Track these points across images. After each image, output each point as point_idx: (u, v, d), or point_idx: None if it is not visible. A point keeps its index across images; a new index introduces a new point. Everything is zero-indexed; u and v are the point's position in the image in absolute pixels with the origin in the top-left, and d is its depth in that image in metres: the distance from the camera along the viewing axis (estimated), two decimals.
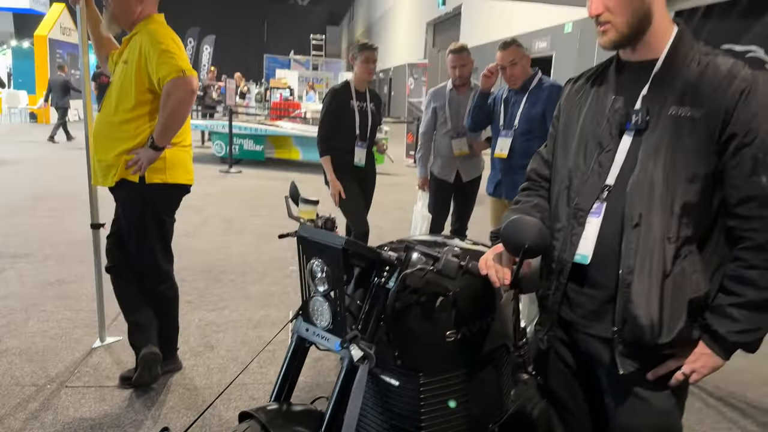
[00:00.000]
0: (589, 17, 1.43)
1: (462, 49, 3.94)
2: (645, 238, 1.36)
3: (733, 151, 1.33)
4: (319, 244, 1.53)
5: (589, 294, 1.47)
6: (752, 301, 1.33)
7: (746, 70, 1.33)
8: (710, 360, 1.39)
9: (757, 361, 3.68)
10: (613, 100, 1.45)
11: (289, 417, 1.54)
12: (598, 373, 1.52)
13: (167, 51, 2.62)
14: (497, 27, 15.59)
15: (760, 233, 1.32)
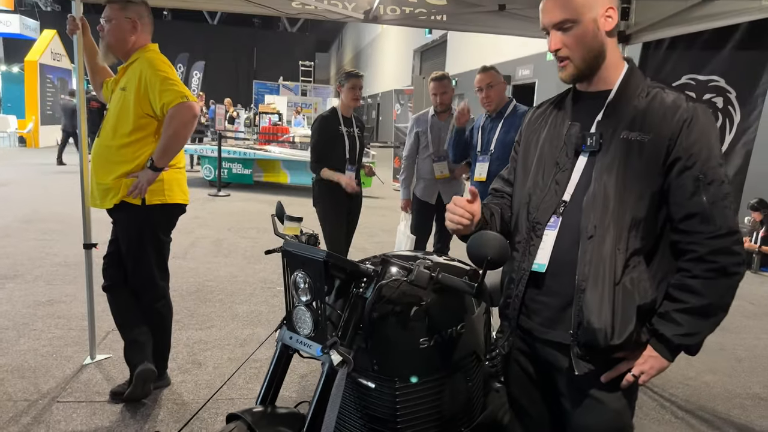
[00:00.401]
0: (551, 52, 1.59)
1: (443, 77, 4.13)
2: (598, 249, 1.49)
3: (677, 173, 1.47)
4: (302, 257, 1.66)
5: (545, 302, 1.60)
6: (694, 307, 1.47)
7: (688, 103, 1.49)
8: (657, 362, 1.52)
9: (726, 377, 3.86)
10: (570, 125, 1.61)
11: (273, 418, 1.66)
12: (555, 378, 1.64)
13: (169, 79, 2.79)
14: (483, 54, 15.95)
15: (701, 246, 1.46)
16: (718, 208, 1.45)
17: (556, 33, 1.54)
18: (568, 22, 1.51)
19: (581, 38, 1.52)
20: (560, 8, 1.51)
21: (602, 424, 1.57)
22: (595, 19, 1.51)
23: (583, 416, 1.59)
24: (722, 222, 1.45)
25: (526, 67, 13.36)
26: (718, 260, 1.45)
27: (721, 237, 1.45)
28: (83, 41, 3.23)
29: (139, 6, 2.97)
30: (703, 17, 3.28)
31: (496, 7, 3.61)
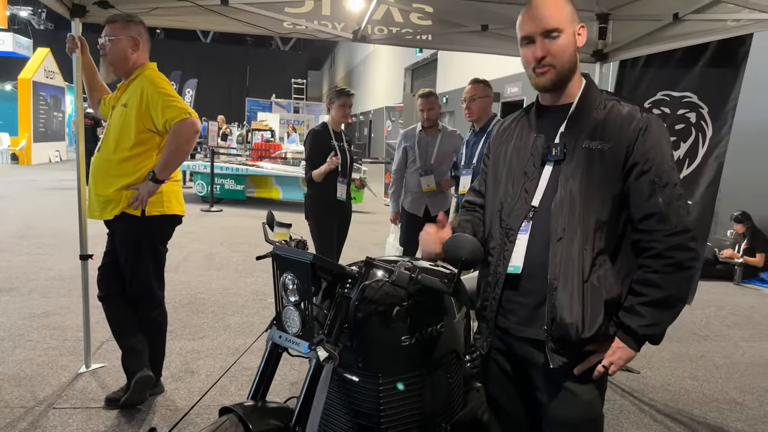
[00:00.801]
0: (535, 58, 1.66)
1: (429, 94, 4.28)
2: (567, 250, 1.61)
3: (635, 177, 1.60)
4: (291, 260, 1.78)
5: (521, 301, 1.71)
6: (656, 300, 1.59)
7: (641, 114, 1.62)
8: (625, 352, 1.64)
9: (705, 382, 3.98)
10: (535, 137, 1.73)
11: (264, 412, 1.76)
12: (531, 373, 1.75)
13: (171, 96, 2.94)
14: (472, 72, 16.16)
15: (659, 243, 1.59)
16: (673, 208, 1.58)
17: (542, 41, 1.64)
18: (556, 32, 1.63)
19: (565, 48, 1.64)
20: (550, 18, 1.63)
21: (576, 414, 1.68)
22: (574, 32, 1.66)
23: (558, 408, 1.69)
24: (677, 221, 1.58)
25: (514, 84, 13.60)
26: (675, 256, 1.58)
27: (677, 234, 1.58)
28: (82, 59, 3.35)
29: (139, 25, 3.10)
30: (675, 36, 3.46)
31: (479, 28, 3.79)
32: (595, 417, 1.72)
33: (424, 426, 1.95)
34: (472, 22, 3.77)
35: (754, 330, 5.27)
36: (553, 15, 1.63)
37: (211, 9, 3.50)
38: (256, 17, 3.59)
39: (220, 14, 3.53)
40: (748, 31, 3.08)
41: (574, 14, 1.67)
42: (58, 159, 19.66)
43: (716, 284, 7.00)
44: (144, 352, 3.14)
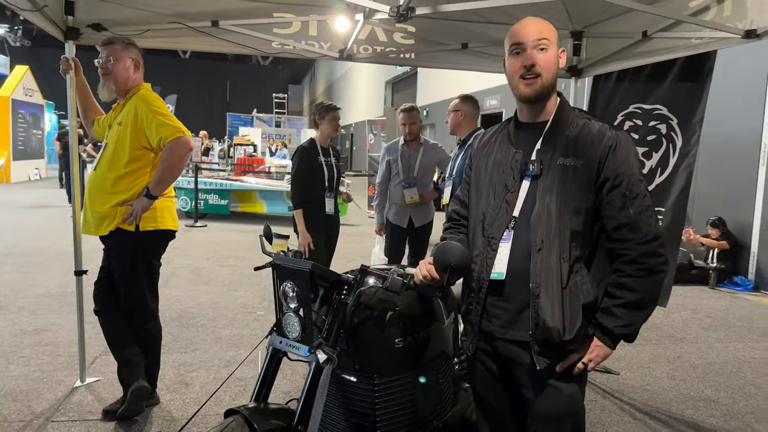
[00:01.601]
0: (524, 66, 1.78)
1: (411, 109, 4.43)
2: (546, 259, 1.75)
3: (607, 191, 1.74)
4: (290, 269, 1.90)
5: (504, 306, 1.84)
6: (630, 302, 1.73)
7: (611, 131, 1.76)
8: (602, 350, 1.77)
9: (681, 382, 4.15)
10: (514, 152, 1.87)
11: (267, 413, 1.87)
12: (516, 371, 1.87)
13: (165, 115, 3.06)
14: (452, 85, 16.47)
15: (632, 250, 1.73)
16: (642, 218, 1.72)
17: (534, 50, 1.77)
18: (546, 42, 1.77)
19: (552, 60, 1.79)
20: (544, 30, 1.78)
21: (560, 408, 1.82)
22: (557, 53, 1.81)
23: (543, 403, 1.82)
24: (647, 229, 1.72)
25: (493, 97, 13.88)
26: (647, 261, 1.72)
27: (648, 242, 1.72)
28: (76, 80, 3.44)
29: (137, 48, 3.23)
30: (645, 53, 3.66)
31: (460, 46, 3.96)
32: (578, 410, 1.86)
33: (416, 424, 2.08)
34: (452, 41, 3.94)
35: (728, 331, 5.47)
36: (544, 30, 1.78)
37: (202, 31, 3.62)
38: (246, 38, 3.72)
39: (211, 35, 3.66)
40: (711, 48, 3.27)
41: (558, 39, 1.82)
42: (38, 177, 19.52)
43: (692, 288, 7.22)
44: (140, 364, 3.22)
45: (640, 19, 3.54)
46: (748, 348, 4.98)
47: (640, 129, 3.95)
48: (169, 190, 3.26)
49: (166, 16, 3.58)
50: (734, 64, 7.44)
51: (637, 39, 3.64)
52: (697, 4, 3.19)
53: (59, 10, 3.36)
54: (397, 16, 2.52)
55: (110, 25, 3.53)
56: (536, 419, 1.85)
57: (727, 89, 7.48)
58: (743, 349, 4.94)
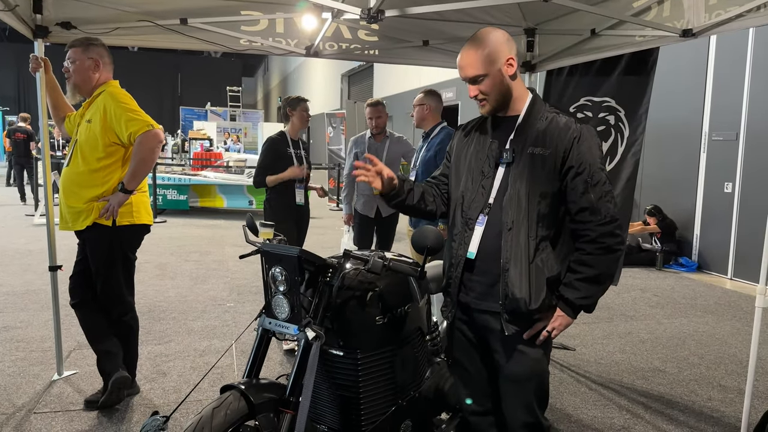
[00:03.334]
0: (470, 98, 2.04)
1: (378, 103, 4.60)
2: (516, 238, 1.96)
3: (571, 177, 1.94)
4: (279, 255, 2.05)
5: (478, 280, 2.05)
6: (589, 277, 1.94)
7: (576, 125, 1.96)
8: (564, 320, 1.98)
9: (632, 355, 4.46)
10: (491, 143, 2.08)
11: (260, 387, 2.02)
12: (489, 338, 2.09)
13: (133, 110, 3.13)
14: (408, 78, 16.69)
15: (592, 231, 1.93)
16: (602, 202, 1.92)
17: (471, 85, 1.99)
18: (480, 77, 1.96)
19: (491, 86, 1.98)
20: (471, 67, 1.96)
21: (527, 370, 2.03)
22: (500, 69, 1.96)
23: (512, 366, 2.04)
24: (606, 212, 1.92)
25: (449, 89, 14.14)
26: (605, 241, 1.92)
27: (606, 224, 1.92)
28: (46, 79, 3.48)
29: (99, 47, 3.28)
30: (593, 49, 3.92)
31: (421, 43, 4.14)
32: (542, 372, 2.08)
33: (396, 394, 2.27)
34: (414, 38, 4.13)
35: (674, 308, 5.86)
36: (473, 65, 1.96)
37: (170, 28, 3.70)
38: (214, 35, 3.82)
39: (180, 33, 3.74)
40: (653, 45, 3.54)
41: (500, 52, 1.95)
42: None
43: (640, 270, 7.65)
44: (118, 354, 3.31)
45: (589, 18, 3.80)
46: (691, 323, 5.37)
47: (590, 120, 4.22)
48: (142, 185, 3.34)
49: (134, 15, 3.65)
50: (677, 59, 7.87)
51: (587, 36, 3.90)
52: (639, 5, 3.45)
53: (28, 9, 3.40)
54: (368, 18, 2.68)
55: (79, 23, 3.58)
56: (506, 380, 2.07)
57: (670, 82, 7.92)
58: (687, 324, 5.32)
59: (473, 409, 2.21)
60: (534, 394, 2.05)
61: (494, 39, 1.96)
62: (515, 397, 2.06)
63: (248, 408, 1.92)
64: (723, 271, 7.42)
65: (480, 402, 2.20)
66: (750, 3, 2.79)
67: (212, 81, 38.09)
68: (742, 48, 7.09)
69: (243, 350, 4.24)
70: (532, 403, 2.05)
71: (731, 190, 7.31)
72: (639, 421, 3.37)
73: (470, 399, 2.22)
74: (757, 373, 3.03)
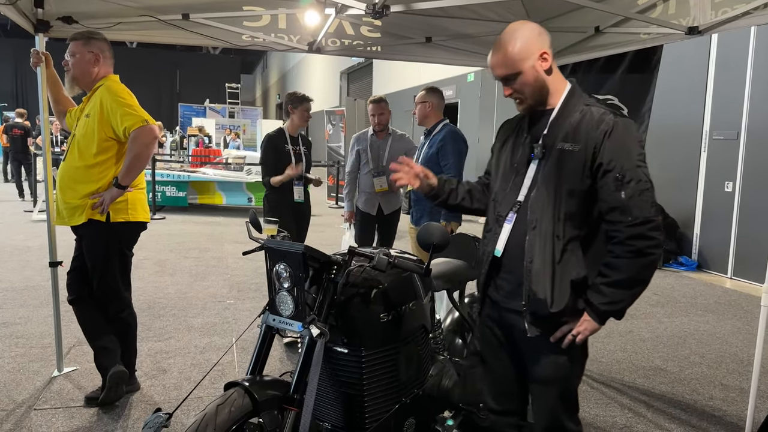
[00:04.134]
0: (504, 97, 1.97)
1: (380, 100, 4.58)
2: (540, 237, 1.87)
3: (601, 175, 1.81)
4: (283, 251, 2.04)
5: (506, 278, 2.00)
6: (615, 281, 1.81)
7: (610, 117, 1.83)
8: (590, 325, 1.87)
9: (633, 354, 4.45)
10: (525, 138, 2.00)
11: (264, 384, 2.00)
12: (517, 338, 2.03)
13: (130, 105, 3.11)
14: (407, 76, 16.66)
15: (621, 233, 1.79)
16: (634, 202, 1.77)
17: (504, 83, 1.91)
18: (512, 76, 1.89)
19: (525, 84, 1.90)
20: (502, 67, 1.89)
21: (549, 374, 1.96)
22: (533, 65, 1.87)
23: (535, 368, 1.99)
24: (638, 213, 1.76)
25: (448, 87, 14.12)
26: (635, 243, 1.78)
27: (637, 225, 1.77)
28: (47, 73, 3.46)
29: (100, 41, 3.26)
30: (597, 47, 3.90)
31: (424, 39, 4.12)
32: (566, 377, 1.97)
33: (399, 391, 2.26)
34: (417, 35, 4.11)
35: (674, 307, 5.86)
36: (503, 64, 1.89)
37: (172, 24, 3.68)
38: (216, 31, 3.80)
39: (182, 28, 3.72)
40: (657, 43, 3.53)
41: (532, 47, 1.86)
42: None
43: None
44: (116, 350, 3.29)
45: (593, 15, 3.78)
46: (692, 322, 5.36)
47: None
48: (140, 182, 3.32)
49: (136, 9, 3.62)
50: (679, 57, 7.86)
51: (590, 34, 3.89)
52: (644, 2, 3.44)
53: (29, 3, 3.37)
54: (373, 13, 2.66)
55: (80, 18, 3.55)
56: (531, 382, 2.03)
57: (672, 81, 7.90)
58: (688, 323, 5.31)
59: (492, 407, 2.17)
60: (558, 399, 1.98)
61: (524, 34, 1.88)
62: (539, 399, 2.03)
63: (252, 405, 1.91)
64: (723, 271, 7.42)
65: (500, 401, 2.15)
66: (757, 0, 2.77)
67: (211, 78, 38.02)
68: (744, 47, 7.08)
69: (243, 347, 4.23)
70: (555, 407, 1.99)
71: (732, 190, 7.31)
72: (641, 420, 3.36)
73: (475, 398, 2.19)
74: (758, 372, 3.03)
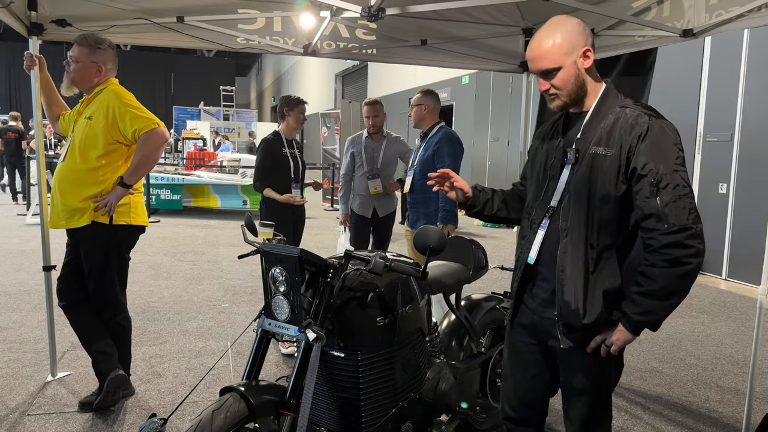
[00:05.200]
0: (542, 90, 1.86)
1: (375, 102, 4.57)
2: (572, 245, 1.81)
3: (636, 180, 1.74)
4: (279, 255, 2.02)
5: (542, 286, 1.93)
6: (649, 291, 1.73)
7: (645, 118, 1.75)
8: (623, 335, 1.80)
9: (630, 356, 4.42)
10: (559, 142, 1.94)
11: (260, 389, 1.99)
12: (550, 347, 1.96)
13: (137, 107, 3.13)
14: (402, 78, 16.67)
15: (657, 240, 1.71)
16: (671, 208, 1.69)
17: (543, 78, 1.82)
18: (553, 71, 1.80)
19: (565, 80, 1.81)
20: (544, 59, 1.80)
21: (581, 384, 1.91)
22: (575, 61, 1.80)
23: (568, 377, 1.95)
24: (675, 220, 1.68)
25: (443, 90, 14.14)
26: (671, 252, 1.69)
27: (674, 233, 1.69)
28: (40, 76, 3.44)
29: (106, 51, 3.22)
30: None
31: (419, 42, 4.12)
32: (598, 387, 1.92)
33: (396, 395, 2.25)
34: (412, 37, 4.10)
35: None
36: (548, 56, 1.79)
37: (167, 26, 3.66)
38: (211, 33, 3.79)
39: (177, 31, 3.71)
40: (652, 45, 3.54)
41: (576, 42, 1.79)
42: None
43: None
44: (113, 354, 3.27)
45: (588, 18, 3.77)
46: (687, 324, 5.37)
47: None
48: (138, 186, 3.31)
49: (130, 12, 3.61)
50: (672, 60, 7.89)
51: None
52: (639, 5, 3.44)
53: (23, 6, 3.35)
54: (369, 16, 2.66)
55: (74, 20, 3.54)
56: (565, 391, 1.98)
57: (665, 83, 7.92)
58: (683, 325, 5.32)
59: (509, 415, 2.13)
60: (590, 409, 1.93)
61: (570, 27, 1.81)
62: (569, 408, 1.98)
63: (248, 410, 1.89)
64: (717, 272, 7.44)
65: (519, 410, 2.10)
66: (751, 3, 2.78)
67: (205, 80, 37.96)
68: (737, 49, 7.12)
69: (239, 351, 4.21)
70: (585, 417, 1.94)
71: (726, 191, 7.33)
72: (638, 422, 3.36)
73: (466, 404, 2.16)
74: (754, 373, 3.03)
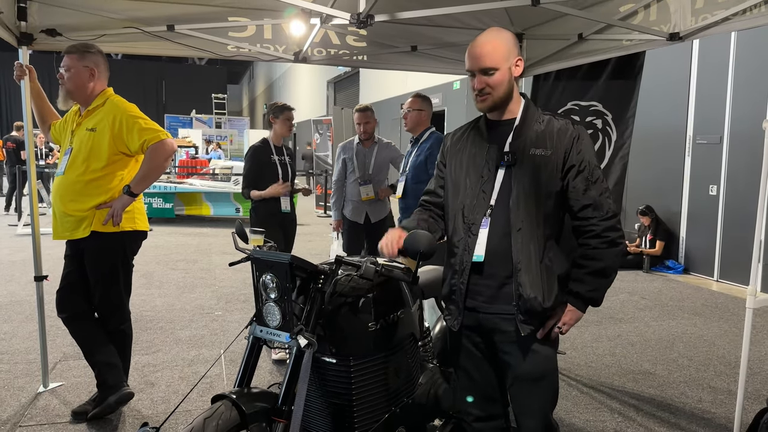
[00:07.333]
0: (475, 89, 2.03)
1: (366, 109, 4.59)
2: (525, 238, 1.98)
3: (573, 176, 1.99)
4: (270, 262, 2.03)
5: (486, 284, 2.05)
6: (596, 270, 2.00)
7: (572, 126, 2.02)
8: (575, 314, 2.03)
9: (622, 358, 4.47)
10: (488, 147, 2.08)
11: (252, 396, 1.99)
12: (498, 340, 2.07)
13: (144, 119, 3.16)
14: (394, 85, 16.72)
15: (597, 226, 1.99)
16: (603, 198, 1.99)
17: (480, 76, 1.98)
18: (492, 70, 1.96)
19: (500, 81, 1.98)
20: (488, 57, 1.96)
21: (540, 368, 2.05)
22: (510, 67, 1.99)
23: (525, 365, 2.04)
24: (607, 208, 1.99)
25: (435, 95, 14.19)
26: (609, 235, 1.99)
27: (609, 219, 1.99)
28: (31, 87, 3.43)
29: (96, 55, 3.23)
30: (580, 54, 3.94)
31: (409, 48, 4.15)
32: (554, 369, 2.10)
33: (389, 401, 2.25)
34: (402, 43, 4.13)
35: (661, 311, 5.89)
36: (489, 55, 1.96)
37: (157, 35, 3.67)
38: (202, 42, 3.80)
39: (167, 39, 3.71)
40: (640, 49, 3.57)
41: (512, 50, 1.99)
42: None
43: (628, 273, 7.69)
44: (119, 365, 3.26)
45: (576, 23, 3.82)
46: (680, 325, 5.40)
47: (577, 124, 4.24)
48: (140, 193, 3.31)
49: (120, 21, 3.62)
50: (660, 63, 7.95)
51: (574, 41, 3.92)
52: (626, 9, 3.48)
53: (12, 16, 3.35)
54: (358, 23, 2.67)
55: (64, 30, 3.54)
56: (518, 380, 2.07)
57: (654, 87, 7.99)
58: (675, 326, 5.35)
59: (477, 415, 2.19)
60: (548, 393, 2.09)
61: (508, 37, 2.01)
62: (529, 397, 2.07)
63: (240, 418, 1.89)
64: (709, 273, 7.48)
65: (484, 407, 2.19)
66: (736, 6, 2.82)
67: (197, 88, 37.91)
68: (725, 52, 7.18)
69: (232, 359, 4.20)
70: (545, 402, 2.09)
71: (716, 193, 7.38)
72: (631, 424, 3.38)
73: (471, 397, 2.20)
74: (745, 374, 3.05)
